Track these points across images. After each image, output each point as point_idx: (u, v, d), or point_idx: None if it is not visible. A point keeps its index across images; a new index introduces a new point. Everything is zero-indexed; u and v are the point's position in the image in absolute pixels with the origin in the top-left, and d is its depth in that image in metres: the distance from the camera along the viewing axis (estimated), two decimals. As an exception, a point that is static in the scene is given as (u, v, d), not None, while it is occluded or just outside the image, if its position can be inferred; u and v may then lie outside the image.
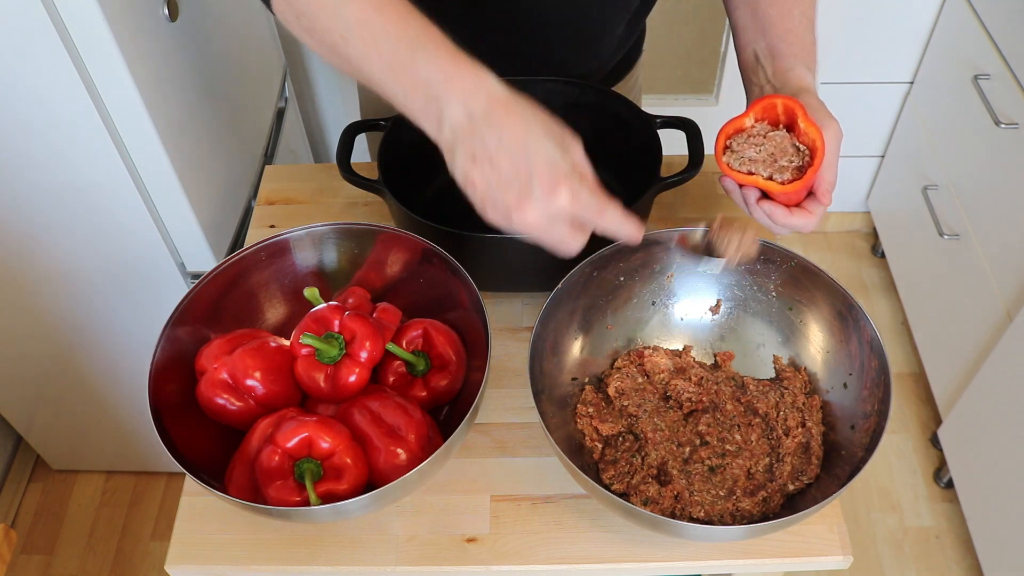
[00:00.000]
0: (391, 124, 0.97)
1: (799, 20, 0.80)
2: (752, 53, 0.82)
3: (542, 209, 0.61)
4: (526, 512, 0.80)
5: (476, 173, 0.62)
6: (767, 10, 0.81)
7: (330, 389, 0.76)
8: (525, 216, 0.61)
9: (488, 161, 0.61)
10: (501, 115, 0.61)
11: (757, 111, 0.75)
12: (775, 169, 0.74)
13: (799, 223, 0.75)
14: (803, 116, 0.72)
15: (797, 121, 0.73)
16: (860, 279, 2.16)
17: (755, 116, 0.75)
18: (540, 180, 0.60)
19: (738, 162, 0.75)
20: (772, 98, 0.74)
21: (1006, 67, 1.52)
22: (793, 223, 0.75)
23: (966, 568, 1.66)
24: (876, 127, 2.02)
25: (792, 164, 0.74)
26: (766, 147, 0.74)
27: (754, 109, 0.75)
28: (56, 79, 0.97)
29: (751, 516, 0.76)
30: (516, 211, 0.61)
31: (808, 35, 0.80)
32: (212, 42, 1.25)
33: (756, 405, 0.82)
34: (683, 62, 1.97)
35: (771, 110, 0.75)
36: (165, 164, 1.10)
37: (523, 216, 0.61)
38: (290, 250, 0.86)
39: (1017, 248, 1.48)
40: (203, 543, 0.78)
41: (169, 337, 0.77)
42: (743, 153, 0.75)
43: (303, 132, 1.82)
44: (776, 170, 0.74)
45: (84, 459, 1.75)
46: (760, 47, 0.81)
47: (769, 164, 0.74)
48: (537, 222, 0.62)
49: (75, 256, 1.22)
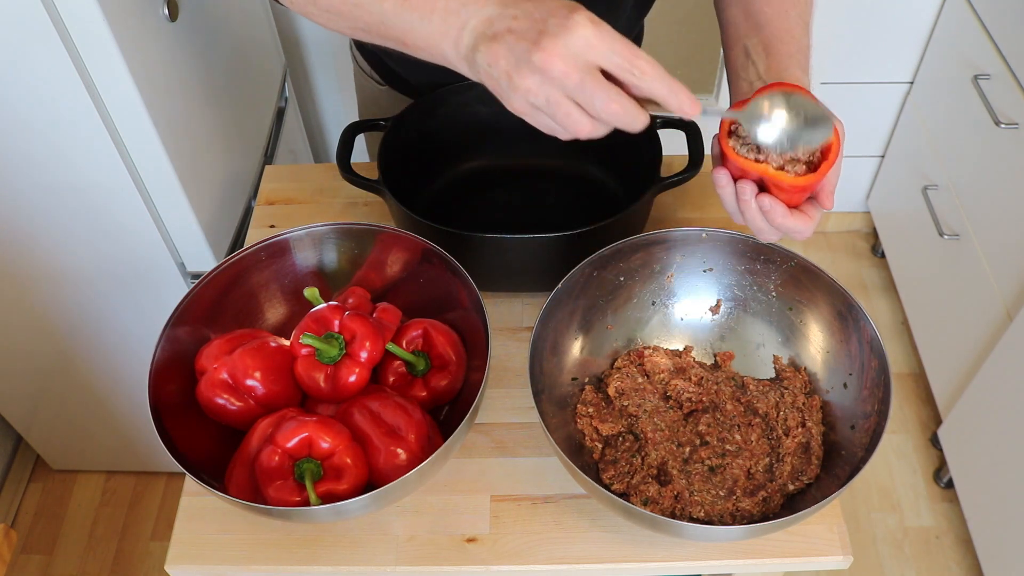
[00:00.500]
0: (391, 124, 0.97)
1: (795, 21, 0.77)
2: (743, 49, 0.78)
3: (561, 46, 0.56)
4: (526, 512, 0.80)
5: (497, 46, 0.58)
6: (762, 8, 0.78)
7: (330, 389, 0.76)
8: (547, 59, 0.56)
9: (507, 30, 0.58)
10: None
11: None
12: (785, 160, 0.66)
13: (796, 226, 0.70)
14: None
15: None
16: (860, 279, 2.16)
17: None
18: (556, 15, 0.57)
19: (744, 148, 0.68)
20: (781, 85, 0.67)
21: (1006, 67, 1.52)
22: (791, 225, 0.70)
23: (966, 568, 1.66)
24: (876, 127, 2.02)
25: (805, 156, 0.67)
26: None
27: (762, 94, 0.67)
28: (56, 79, 0.97)
29: (751, 516, 0.76)
30: (536, 52, 0.56)
31: (804, 37, 0.77)
32: (212, 42, 1.25)
33: (756, 405, 0.82)
34: (683, 62, 1.97)
35: None
36: (165, 164, 1.10)
37: (545, 59, 0.56)
38: (290, 250, 0.86)
39: (1017, 248, 1.48)
40: (203, 543, 0.78)
41: (169, 337, 0.77)
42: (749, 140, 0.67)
43: (303, 132, 1.82)
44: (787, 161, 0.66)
45: (84, 459, 1.75)
46: (752, 43, 0.77)
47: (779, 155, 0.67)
48: (563, 67, 0.56)
49: (75, 256, 1.22)
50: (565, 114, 0.59)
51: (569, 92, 0.58)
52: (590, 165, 1.06)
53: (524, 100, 0.59)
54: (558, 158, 1.06)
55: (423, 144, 1.01)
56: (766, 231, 0.72)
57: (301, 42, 1.86)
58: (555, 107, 0.58)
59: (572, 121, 0.59)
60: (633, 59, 0.58)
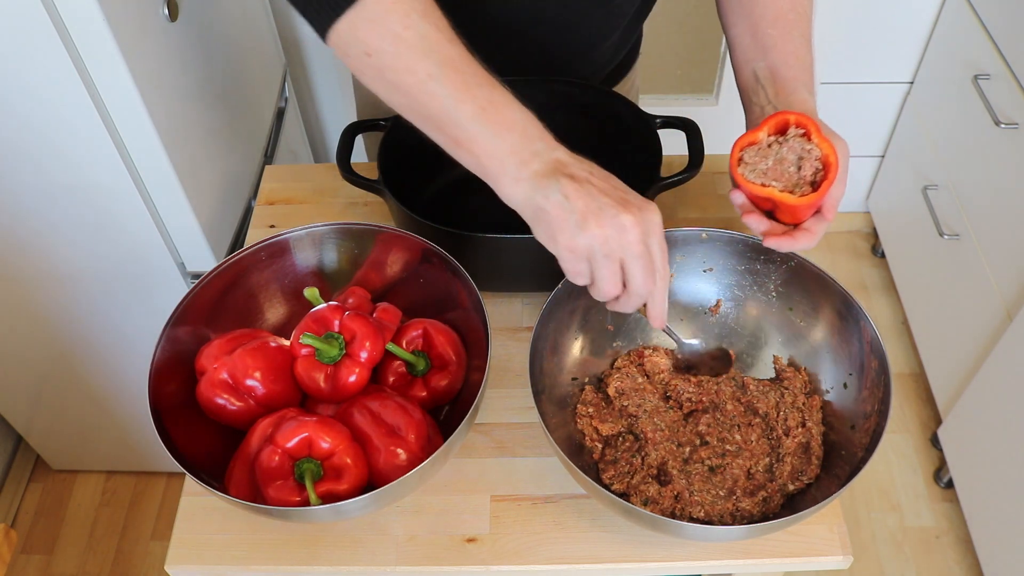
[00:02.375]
0: (391, 124, 0.97)
1: (799, 41, 0.80)
2: (752, 73, 0.82)
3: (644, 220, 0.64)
4: (526, 512, 0.80)
5: (579, 187, 0.64)
6: (767, 30, 0.81)
7: (330, 389, 0.76)
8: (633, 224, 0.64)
9: (587, 180, 0.65)
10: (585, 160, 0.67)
11: (770, 126, 0.75)
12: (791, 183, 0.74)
13: (799, 247, 0.75)
14: (816, 132, 0.73)
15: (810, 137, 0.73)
16: (860, 279, 2.16)
17: (768, 131, 0.75)
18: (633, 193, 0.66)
19: (753, 174, 0.75)
20: (785, 114, 0.74)
21: (1006, 67, 1.52)
22: (797, 247, 0.76)
23: (966, 568, 1.66)
24: (876, 127, 2.02)
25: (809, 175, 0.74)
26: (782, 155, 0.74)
27: (767, 124, 0.75)
28: (56, 79, 0.97)
29: (751, 516, 0.76)
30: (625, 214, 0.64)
31: (808, 56, 0.81)
32: (212, 42, 1.25)
33: (756, 405, 0.82)
34: (683, 62, 1.97)
35: (783, 126, 0.75)
36: (165, 164, 1.10)
37: (632, 222, 0.64)
38: (290, 250, 0.86)
39: (1017, 248, 1.48)
40: (203, 543, 0.78)
41: (169, 337, 0.77)
42: (757, 166, 0.75)
43: (303, 132, 1.82)
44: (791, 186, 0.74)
45: (84, 459, 1.75)
46: (760, 68, 0.81)
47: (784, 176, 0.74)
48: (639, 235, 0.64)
49: (75, 256, 1.22)
50: (611, 273, 0.66)
51: (625, 258, 0.65)
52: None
53: (586, 243, 0.64)
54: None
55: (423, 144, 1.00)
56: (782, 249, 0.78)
57: (301, 42, 1.85)
58: (606, 263, 0.65)
59: (608, 283, 0.66)
60: (665, 262, 0.67)
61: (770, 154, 0.74)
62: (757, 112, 0.81)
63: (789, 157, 0.73)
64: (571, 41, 0.95)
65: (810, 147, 0.73)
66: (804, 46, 0.81)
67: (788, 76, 0.79)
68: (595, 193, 0.64)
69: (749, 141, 0.76)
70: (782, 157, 0.74)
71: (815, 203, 0.73)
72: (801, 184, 0.73)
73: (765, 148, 0.74)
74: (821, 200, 0.73)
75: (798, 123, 0.74)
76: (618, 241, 0.64)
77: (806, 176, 0.73)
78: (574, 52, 0.97)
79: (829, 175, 0.72)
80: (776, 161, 0.74)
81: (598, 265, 0.66)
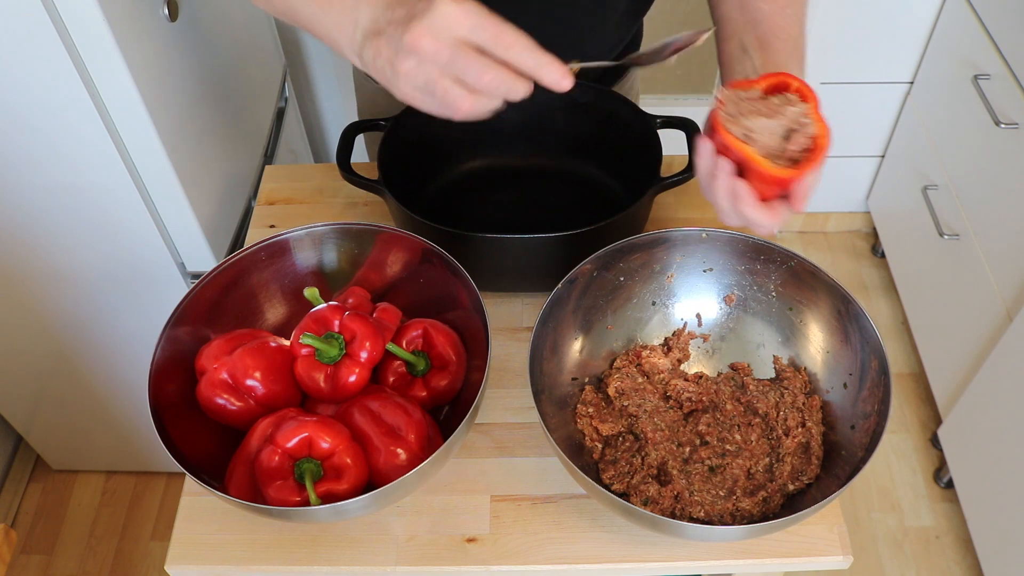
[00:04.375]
0: (391, 124, 0.97)
1: (791, 19, 0.78)
2: (738, 43, 0.78)
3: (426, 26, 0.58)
4: (526, 512, 0.80)
5: (379, 40, 0.61)
6: (759, 4, 0.78)
7: (330, 389, 0.76)
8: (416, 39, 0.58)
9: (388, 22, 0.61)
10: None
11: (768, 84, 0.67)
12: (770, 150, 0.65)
13: (761, 219, 0.67)
14: (815, 108, 0.66)
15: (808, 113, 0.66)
16: (860, 279, 2.16)
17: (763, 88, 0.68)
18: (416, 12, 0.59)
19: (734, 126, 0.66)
20: (788, 77, 0.66)
21: (1006, 67, 1.52)
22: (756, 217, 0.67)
23: (966, 568, 1.66)
24: (876, 127, 2.02)
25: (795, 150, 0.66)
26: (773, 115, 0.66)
27: (766, 80, 0.67)
28: (56, 79, 0.97)
29: (751, 516, 0.76)
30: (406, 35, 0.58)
31: (800, 35, 0.78)
32: (212, 42, 1.25)
33: (756, 405, 0.82)
34: (683, 62, 1.96)
35: (782, 88, 0.67)
36: (165, 164, 1.10)
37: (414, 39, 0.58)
38: (290, 250, 0.86)
39: (1017, 248, 1.48)
40: (203, 543, 0.78)
41: (169, 337, 0.77)
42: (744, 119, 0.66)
43: (303, 132, 1.82)
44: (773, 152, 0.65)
45: (84, 459, 1.75)
46: (748, 39, 0.77)
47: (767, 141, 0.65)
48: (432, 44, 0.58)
49: (75, 256, 1.22)
50: (444, 91, 0.60)
51: (444, 69, 0.59)
52: (590, 165, 1.06)
53: (408, 84, 0.61)
54: (558, 158, 1.06)
55: (423, 144, 1.01)
56: (729, 215, 0.70)
57: (301, 42, 1.86)
58: (434, 85, 0.60)
59: (452, 97, 0.60)
60: (498, 33, 0.59)
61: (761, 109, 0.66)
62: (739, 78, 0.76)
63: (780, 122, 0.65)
64: (561, 33, 0.93)
65: (807, 121, 0.65)
66: (796, 24, 0.77)
67: (779, 49, 0.75)
68: (391, 32, 0.60)
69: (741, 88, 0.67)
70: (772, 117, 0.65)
71: (789, 181, 0.65)
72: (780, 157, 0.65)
73: (756, 101, 0.67)
74: (797, 178, 0.65)
75: (800, 91, 0.66)
76: (424, 65, 0.59)
77: (792, 149, 0.65)
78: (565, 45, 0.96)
79: (815, 156, 0.64)
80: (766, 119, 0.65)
81: (432, 93, 0.61)
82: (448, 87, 0.60)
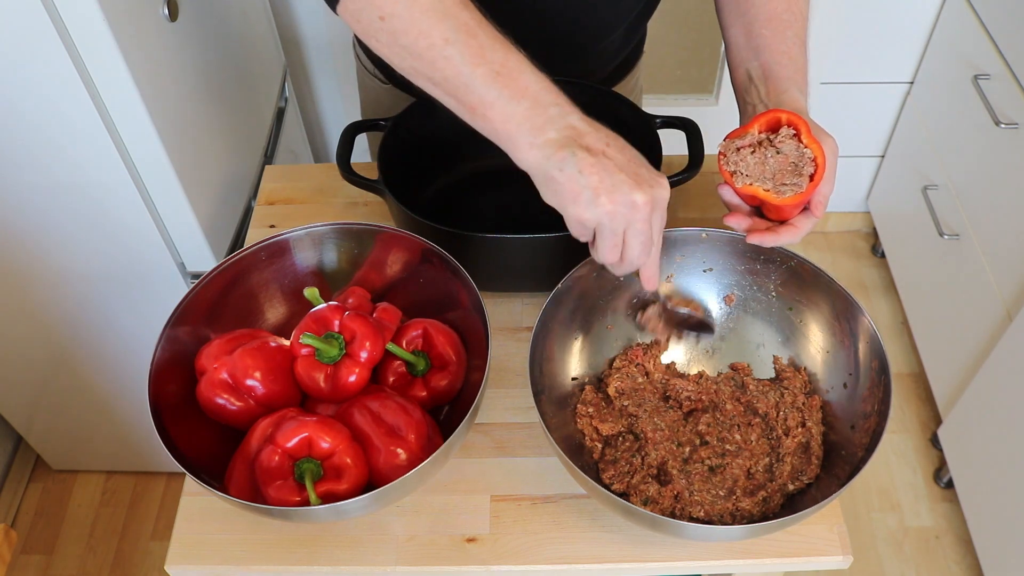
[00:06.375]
0: (391, 124, 0.97)
1: (792, 42, 0.81)
2: (745, 73, 0.83)
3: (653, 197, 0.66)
4: (526, 512, 0.80)
5: (595, 161, 0.64)
6: (761, 31, 0.82)
7: (330, 389, 0.76)
8: (644, 202, 0.65)
9: (603, 152, 0.65)
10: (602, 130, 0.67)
11: (761, 124, 0.76)
12: (777, 183, 0.75)
13: (785, 240, 0.77)
14: (806, 132, 0.74)
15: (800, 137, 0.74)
16: (860, 279, 2.16)
17: (759, 128, 0.76)
18: (646, 167, 0.67)
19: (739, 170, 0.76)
20: (777, 112, 0.75)
21: (1006, 67, 1.52)
22: (780, 242, 0.77)
23: (966, 568, 1.66)
24: (876, 127, 2.02)
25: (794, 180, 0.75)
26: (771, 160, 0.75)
27: (758, 122, 0.76)
28: (56, 79, 0.97)
29: (751, 516, 0.76)
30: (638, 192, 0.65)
31: (801, 57, 0.81)
32: (212, 42, 1.25)
33: (756, 405, 0.82)
34: (683, 62, 1.97)
35: (775, 124, 0.76)
36: (165, 164, 1.10)
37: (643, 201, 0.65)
38: (290, 250, 0.86)
39: (1017, 248, 1.48)
40: (203, 543, 0.78)
41: (169, 337, 0.77)
42: (743, 162, 0.76)
43: (303, 132, 1.82)
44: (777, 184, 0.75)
45: (84, 459, 1.75)
46: (753, 67, 0.82)
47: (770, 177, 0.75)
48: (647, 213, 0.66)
49: (75, 256, 1.22)
50: (613, 245, 0.68)
51: (628, 232, 0.67)
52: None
53: (596, 216, 0.66)
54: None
55: (423, 144, 1.01)
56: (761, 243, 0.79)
57: (301, 42, 1.85)
58: (611, 236, 0.67)
59: (609, 252, 0.68)
60: (660, 232, 0.69)
61: (759, 152, 0.75)
62: (750, 111, 0.82)
63: (778, 157, 0.74)
64: (575, 35, 0.94)
65: (803, 150, 0.74)
66: (797, 46, 0.81)
67: (780, 75, 0.80)
68: (611, 169, 0.65)
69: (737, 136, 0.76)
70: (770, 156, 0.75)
71: (799, 203, 0.75)
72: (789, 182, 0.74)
73: (756, 145, 0.75)
74: (805, 200, 0.74)
75: (789, 122, 0.75)
76: (626, 218, 0.66)
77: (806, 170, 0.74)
78: (577, 47, 0.96)
79: (816, 175, 0.73)
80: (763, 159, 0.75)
81: (603, 236, 0.67)
82: (618, 243, 0.68)
